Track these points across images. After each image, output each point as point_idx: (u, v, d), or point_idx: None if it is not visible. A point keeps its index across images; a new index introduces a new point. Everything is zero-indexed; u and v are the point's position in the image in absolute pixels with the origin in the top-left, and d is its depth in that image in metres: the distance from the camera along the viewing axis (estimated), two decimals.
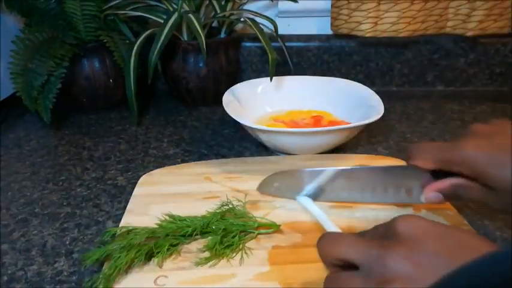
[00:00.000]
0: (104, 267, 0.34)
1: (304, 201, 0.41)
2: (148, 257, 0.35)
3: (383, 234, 0.26)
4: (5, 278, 0.35)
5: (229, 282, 0.33)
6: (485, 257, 0.19)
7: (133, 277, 0.33)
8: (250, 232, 0.37)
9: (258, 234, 0.37)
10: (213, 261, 0.35)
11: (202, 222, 0.37)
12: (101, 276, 0.32)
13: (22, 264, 0.37)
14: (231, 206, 0.39)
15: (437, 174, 0.35)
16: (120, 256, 0.33)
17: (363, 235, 0.28)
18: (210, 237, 0.36)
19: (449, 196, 0.36)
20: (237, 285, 0.32)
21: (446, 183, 0.35)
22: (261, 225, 0.38)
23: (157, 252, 0.34)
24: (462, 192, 0.34)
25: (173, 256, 0.35)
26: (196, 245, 0.36)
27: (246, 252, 0.35)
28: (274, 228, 0.38)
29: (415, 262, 0.23)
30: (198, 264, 0.34)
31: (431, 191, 0.35)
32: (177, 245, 0.36)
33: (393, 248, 0.24)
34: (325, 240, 0.27)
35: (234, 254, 0.35)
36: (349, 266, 0.25)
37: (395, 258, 0.23)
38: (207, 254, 0.35)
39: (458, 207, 0.42)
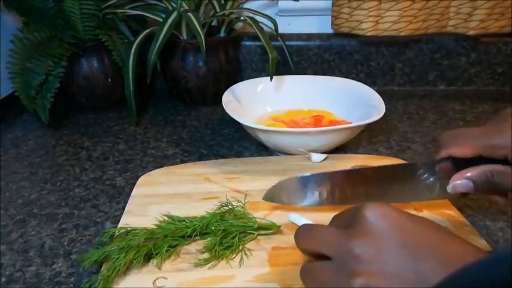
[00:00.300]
0: (102, 269, 0.33)
1: (294, 218, 0.38)
2: (147, 258, 0.34)
3: (351, 221, 0.26)
4: (3, 279, 0.35)
5: (229, 283, 0.32)
6: (487, 258, 0.19)
7: (132, 278, 0.33)
8: (250, 233, 0.37)
9: (258, 235, 0.37)
10: (213, 262, 0.34)
11: (202, 223, 0.36)
12: (99, 277, 0.32)
13: (20, 265, 0.36)
14: (230, 206, 0.39)
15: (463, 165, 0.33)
16: (118, 257, 0.33)
17: (334, 220, 0.28)
18: (209, 238, 0.36)
19: (482, 185, 0.33)
20: (237, 287, 0.32)
21: (479, 169, 0.32)
22: (261, 226, 0.37)
23: (156, 254, 0.34)
24: (498, 179, 0.32)
25: (172, 257, 0.35)
26: (196, 246, 0.36)
27: (245, 253, 0.35)
28: (274, 229, 0.37)
29: (381, 253, 0.23)
30: (198, 265, 0.34)
31: (461, 178, 0.33)
32: (176, 246, 0.36)
33: (360, 238, 0.24)
34: (300, 233, 0.28)
35: (234, 255, 0.35)
36: (324, 256, 0.26)
37: (363, 249, 0.24)
38: (206, 255, 0.35)
39: (459, 207, 0.42)
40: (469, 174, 0.33)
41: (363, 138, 0.58)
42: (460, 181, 0.33)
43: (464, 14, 0.68)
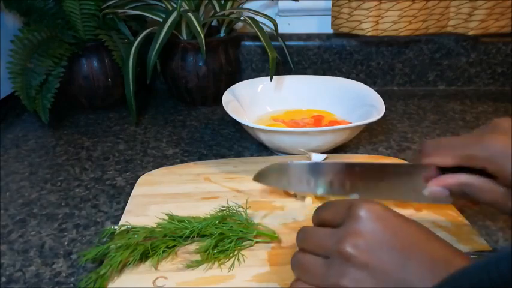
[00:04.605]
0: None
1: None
2: (146, 257, 0.34)
3: (343, 218, 0.26)
4: (3, 279, 0.35)
5: (229, 283, 0.33)
6: (487, 258, 0.19)
7: (133, 277, 0.33)
8: (249, 240, 0.36)
9: (256, 242, 0.37)
10: (205, 265, 0.34)
11: (201, 225, 0.36)
12: (94, 275, 0.32)
13: (20, 265, 0.36)
14: (232, 211, 0.38)
15: (444, 171, 0.33)
16: (115, 255, 0.33)
17: (324, 210, 0.29)
18: (208, 240, 0.36)
19: (457, 193, 0.33)
20: (237, 286, 0.32)
21: (457, 178, 0.33)
22: (259, 234, 0.37)
23: (153, 253, 0.34)
24: (473, 191, 0.32)
25: (172, 257, 0.35)
26: (196, 247, 0.36)
27: (238, 259, 0.35)
28: (273, 239, 0.37)
29: (372, 253, 0.24)
30: (189, 267, 0.34)
31: (438, 185, 0.34)
32: (174, 246, 0.36)
33: (352, 238, 0.25)
34: (299, 235, 0.29)
35: (227, 260, 0.35)
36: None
37: (353, 249, 0.24)
38: (199, 257, 0.35)
39: (459, 207, 0.42)
40: (445, 182, 0.33)
41: (363, 138, 0.58)
42: (437, 188, 0.34)
43: (464, 14, 0.68)
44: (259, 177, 0.40)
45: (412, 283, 0.23)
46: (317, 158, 0.49)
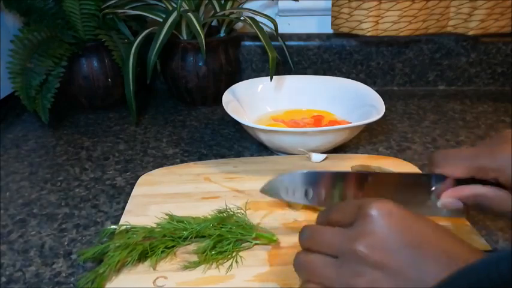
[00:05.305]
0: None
1: None
2: (144, 257, 0.34)
3: (355, 218, 0.26)
4: (3, 279, 0.35)
5: (229, 283, 0.33)
6: (487, 258, 0.19)
7: (131, 277, 0.33)
8: (248, 241, 0.36)
9: (255, 244, 0.36)
10: (203, 266, 0.34)
11: (200, 227, 0.36)
12: (93, 274, 0.32)
13: (20, 265, 0.36)
14: (231, 213, 0.38)
15: (459, 183, 0.33)
16: (113, 255, 0.33)
17: (333, 212, 0.28)
18: (207, 241, 0.36)
19: (471, 205, 0.33)
20: (237, 286, 0.32)
21: (470, 190, 0.32)
22: (258, 236, 0.37)
23: (152, 253, 0.34)
24: (487, 202, 0.32)
25: (172, 257, 0.35)
26: (195, 248, 0.36)
27: (236, 261, 0.34)
28: (271, 242, 0.37)
29: (386, 253, 0.24)
30: (187, 267, 0.34)
31: (451, 197, 0.33)
32: (172, 247, 0.35)
33: (365, 238, 0.24)
34: (304, 234, 0.28)
35: (225, 261, 0.34)
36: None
37: (367, 250, 0.24)
38: (197, 258, 0.35)
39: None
40: (459, 194, 0.33)
41: (363, 138, 0.58)
42: (450, 199, 0.33)
43: (464, 14, 0.68)
44: (266, 190, 0.38)
45: (427, 282, 0.22)
46: (317, 158, 0.49)
